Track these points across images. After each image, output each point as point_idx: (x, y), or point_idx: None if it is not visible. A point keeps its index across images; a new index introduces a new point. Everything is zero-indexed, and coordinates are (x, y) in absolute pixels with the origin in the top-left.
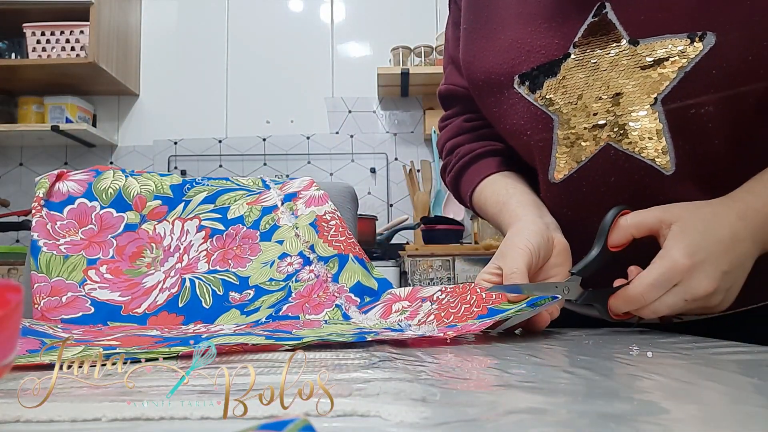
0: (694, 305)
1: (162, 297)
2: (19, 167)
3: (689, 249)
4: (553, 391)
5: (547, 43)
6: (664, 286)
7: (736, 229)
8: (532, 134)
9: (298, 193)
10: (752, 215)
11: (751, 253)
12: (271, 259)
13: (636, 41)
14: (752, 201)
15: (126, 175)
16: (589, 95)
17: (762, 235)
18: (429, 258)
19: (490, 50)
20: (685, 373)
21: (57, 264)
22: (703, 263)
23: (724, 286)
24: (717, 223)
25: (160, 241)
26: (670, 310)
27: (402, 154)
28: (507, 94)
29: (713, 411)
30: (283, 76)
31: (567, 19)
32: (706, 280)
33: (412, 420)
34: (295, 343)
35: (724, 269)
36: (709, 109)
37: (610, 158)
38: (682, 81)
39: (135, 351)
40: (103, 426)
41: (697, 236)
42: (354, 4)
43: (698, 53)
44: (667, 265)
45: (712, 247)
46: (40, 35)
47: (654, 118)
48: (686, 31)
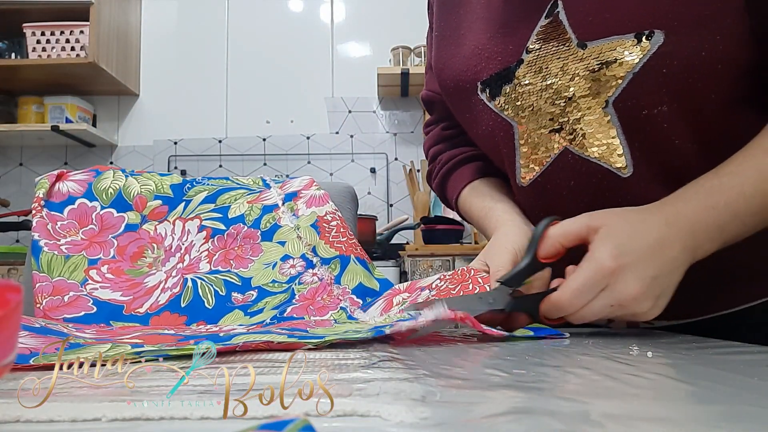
0: (622, 312)
1: (164, 297)
2: (19, 167)
3: (615, 251)
4: (553, 391)
5: (502, 50)
6: (591, 290)
7: (664, 234)
8: (498, 140)
9: (298, 193)
10: (681, 221)
11: (680, 260)
12: (273, 261)
13: (584, 44)
14: (681, 207)
15: (126, 175)
16: (543, 101)
17: (692, 242)
18: (429, 258)
19: (457, 56)
20: (685, 373)
21: (58, 264)
22: (629, 266)
23: (653, 291)
24: (644, 227)
25: (161, 241)
26: (597, 316)
27: (402, 154)
28: (473, 101)
29: (713, 411)
30: (283, 76)
31: (521, 23)
32: (633, 283)
33: (412, 420)
34: (317, 341)
35: (652, 274)
36: (663, 109)
37: (569, 162)
38: (632, 82)
39: (165, 348)
40: (103, 426)
41: (624, 239)
42: (354, 4)
43: (646, 53)
44: (593, 268)
45: (639, 251)
46: (40, 35)
47: (606, 121)
48: (633, 31)
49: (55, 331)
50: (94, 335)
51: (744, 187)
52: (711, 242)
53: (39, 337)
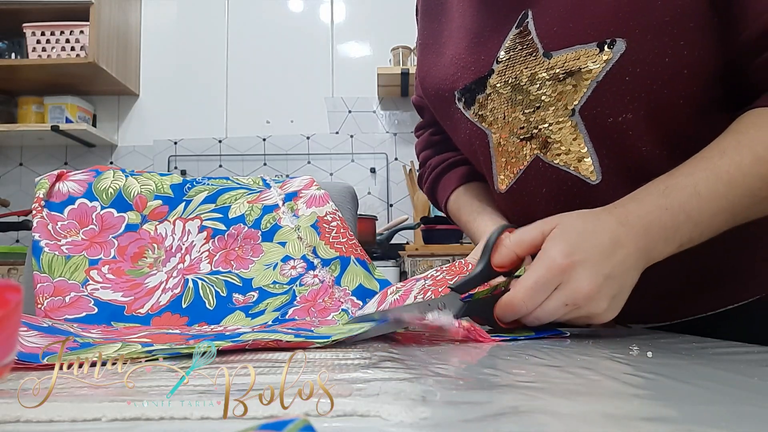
0: (578, 312)
1: (165, 297)
2: (19, 167)
3: (567, 249)
4: (553, 391)
5: (475, 59)
6: (544, 289)
7: (617, 234)
8: (476, 148)
9: (298, 192)
10: (634, 221)
11: (633, 261)
12: (274, 262)
13: (549, 54)
14: (634, 208)
15: (126, 175)
16: (513, 110)
17: (645, 242)
18: (429, 258)
19: (438, 65)
20: (685, 373)
21: (59, 264)
22: (582, 263)
23: (607, 291)
24: (597, 227)
25: (161, 241)
26: (552, 317)
27: (402, 154)
28: (452, 109)
29: (713, 411)
30: (283, 76)
31: (493, 32)
32: (587, 280)
33: (412, 420)
34: (324, 341)
35: (605, 272)
36: (628, 117)
37: (540, 170)
38: (596, 90)
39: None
40: (103, 426)
41: (576, 237)
42: (354, 4)
43: (608, 61)
44: (545, 266)
45: (592, 249)
46: (40, 35)
47: (574, 130)
48: (596, 40)
49: (63, 330)
50: (100, 335)
51: (698, 188)
52: (665, 243)
53: (49, 337)
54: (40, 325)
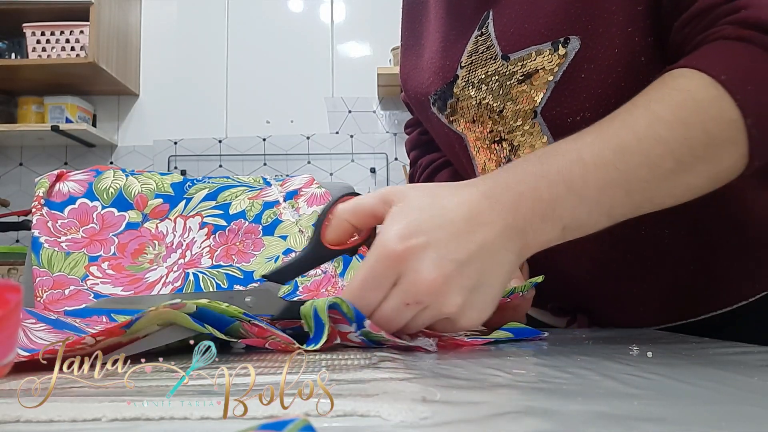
0: (428, 314)
1: (165, 291)
2: (19, 167)
3: (405, 231)
4: (553, 391)
5: (443, 65)
6: (377, 286)
7: (477, 209)
8: (456, 150)
9: (299, 191)
10: (501, 192)
11: (502, 241)
12: (276, 255)
13: (507, 57)
14: (503, 177)
15: (126, 175)
16: (480, 114)
17: (515, 219)
18: None
19: (417, 68)
20: (685, 373)
21: (58, 260)
22: (423, 248)
23: (461, 281)
24: (452, 202)
25: (162, 238)
26: (397, 322)
27: (402, 154)
28: (429, 113)
29: (713, 411)
30: (283, 76)
31: (459, 35)
32: (428, 269)
33: (412, 420)
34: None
35: (457, 257)
36: (587, 115)
37: None
38: (554, 91)
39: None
40: (103, 426)
41: (420, 215)
42: (354, 4)
43: (564, 59)
44: (376, 255)
45: (438, 230)
46: (40, 35)
47: (537, 131)
48: (549, 40)
49: (68, 324)
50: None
51: (581, 153)
52: (542, 220)
53: (57, 333)
54: (48, 317)
